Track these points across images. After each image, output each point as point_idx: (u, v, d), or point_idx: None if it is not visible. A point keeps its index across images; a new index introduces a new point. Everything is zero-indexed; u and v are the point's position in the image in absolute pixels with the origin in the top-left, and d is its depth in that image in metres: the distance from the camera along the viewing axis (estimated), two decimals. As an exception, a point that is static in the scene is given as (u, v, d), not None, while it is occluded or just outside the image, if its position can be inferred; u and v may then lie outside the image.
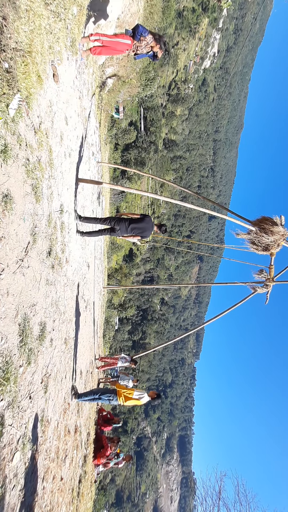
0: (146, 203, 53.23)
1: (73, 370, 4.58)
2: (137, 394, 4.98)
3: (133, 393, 5.02)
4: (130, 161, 34.82)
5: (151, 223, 5.08)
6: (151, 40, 5.04)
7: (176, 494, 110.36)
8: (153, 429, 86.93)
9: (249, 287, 6.20)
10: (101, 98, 12.06)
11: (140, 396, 4.97)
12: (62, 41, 3.77)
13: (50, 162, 3.18)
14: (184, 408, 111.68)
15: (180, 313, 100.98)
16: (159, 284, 60.38)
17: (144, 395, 5.02)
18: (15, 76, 2.15)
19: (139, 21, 13.71)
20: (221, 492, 11.79)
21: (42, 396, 2.82)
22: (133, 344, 56.32)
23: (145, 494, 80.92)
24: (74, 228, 4.65)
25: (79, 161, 5.11)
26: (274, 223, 5.12)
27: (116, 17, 9.36)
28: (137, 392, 5.04)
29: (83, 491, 5.24)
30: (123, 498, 64.33)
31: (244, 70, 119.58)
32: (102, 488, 29.75)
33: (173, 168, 63.64)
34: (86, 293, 6.66)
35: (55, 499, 3.26)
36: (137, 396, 4.96)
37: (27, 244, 2.44)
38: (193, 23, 57.26)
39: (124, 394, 5.07)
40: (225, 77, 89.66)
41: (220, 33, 78.13)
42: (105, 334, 24.38)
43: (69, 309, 4.25)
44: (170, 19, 35.62)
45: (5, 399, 2.03)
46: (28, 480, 2.41)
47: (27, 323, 2.40)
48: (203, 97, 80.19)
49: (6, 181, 2.08)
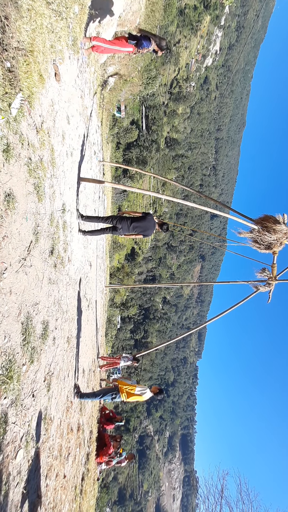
0: (148, 202, 53.19)
1: (76, 369, 4.59)
2: (139, 390, 5.00)
3: (135, 388, 5.04)
4: (132, 160, 34.79)
5: (153, 222, 5.08)
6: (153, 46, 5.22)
7: (178, 492, 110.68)
8: (155, 428, 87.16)
9: (251, 285, 6.18)
10: (103, 97, 12.05)
11: (142, 391, 4.98)
12: (64, 40, 3.76)
13: (52, 161, 3.18)
14: (186, 407, 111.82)
15: (182, 312, 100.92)
16: (161, 283, 60.37)
17: (146, 390, 5.04)
18: (17, 75, 2.15)
19: (141, 19, 13.65)
20: (223, 491, 11.80)
21: (45, 395, 2.84)
22: (135, 343, 56.40)
23: (148, 492, 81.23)
24: (76, 227, 4.66)
25: (81, 160, 5.12)
26: (276, 222, 5.09)
27: (117, 16, 9.33)
28: (139, 388, 5.05)
29: (86, 488, 5.28)
30: (125, 496, 64.64)
31: (246, 67, 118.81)
32: (104, 486, 29.92)
33: (175, 167, 63.53)
34: (88, 292, 6.68)
35: (58, 496, 3.28)
36: (139, 391, 4.98)
37: (30, 243, 2.45)
38: (194, 20, 56.95)
39: (126, 390, 5.08)
40: (227, 75, 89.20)
41: (222, 31, 77.64)
42: (107, 333, 24.44)
43: (71, 308, 4.26)
44: (171, 17, 35.49)
45: (9, 397, 2.04)
46: (31, 478, 2.43)
47: (30, 321, 2.41)
48: (205, 95, 79.85)
49: (9, 180, 2.08)
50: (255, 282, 6.13)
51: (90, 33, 6.06)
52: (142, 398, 5.07)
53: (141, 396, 5.00)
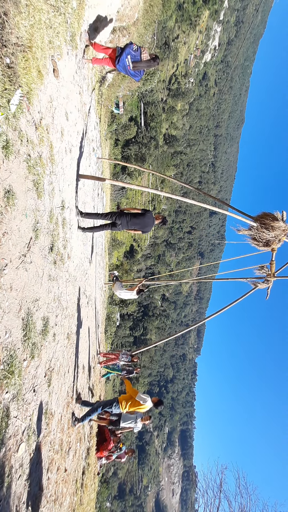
0: (146, 199, 53.07)
1: (76, 365, 4.63)
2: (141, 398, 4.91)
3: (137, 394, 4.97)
4: (131, 157, 34.64)
5: (152, 218, 5.10)
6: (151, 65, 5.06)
7: (177, 487, 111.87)
8: (155, 424, 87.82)
9: (250, 282, 6.22)
10: (101, 93, 11.97)
11: (145, 399, 4.90)
12: (62, 36, 3.74)
13: (51, 158, 3.18)
14: (185, 403, 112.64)
15: (181, 309, 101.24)
16: (160, 280, 60.42)
17: (148, 398, 4.95)
18: (16, 71, 2.15)
19: (139, 14, 13.53)
20: (222, 485, 11.96)
21: (45, 390, 2.87)
22: (134, 340, 56.60)
23: (147, 487, 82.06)
24: (75, 224, 4.67)
25: (79, 157, 5.11)
26: (275, 219, 5.12)
27: (116, 11, 9.25)
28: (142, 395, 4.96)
29: (87, 482, 5.34)
30: (125, 491, 65.29)
31: (245, 63, 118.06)
32: (104, 481, 30.17)
33: (173, 164, 63.27)
34: (88, 289, 6.70)
35: (59, 489, 3.33)
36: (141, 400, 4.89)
37: (30, 239, 2.46)
38: (193, 15, 56.40)
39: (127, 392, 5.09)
40: (226, 71, 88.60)
41: (221, 26, 77.03)
42: (106, 330, 24.51)
43: (71, 305, 4.28)
44: (170, 12, 35.14)
45: (10, 391, 2.07)
46: (33, 471, 2.47)
47: (30, 317, 2.43)
48: (203, 92, 79.39)
49: (8, 177, 2.09)
50: (253, 279, 6.17)
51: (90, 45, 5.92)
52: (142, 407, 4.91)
53: (142, 404, 4.89)
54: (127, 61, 4.84)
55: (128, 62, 4.85)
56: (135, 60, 4.88)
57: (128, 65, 4.87)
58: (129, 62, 4.85)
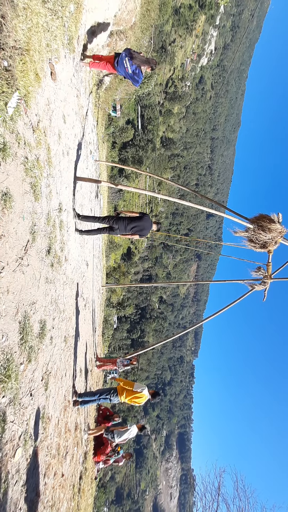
0: (144, 202, 53.18)
1: (73, 368, 4.60)
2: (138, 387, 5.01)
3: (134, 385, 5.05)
4: (128, 160, 34.76)
5: (150, 222, 5.10)
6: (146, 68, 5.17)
7: (175, 490, 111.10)
8: (152, 427, 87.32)
9: (247, 284, 6.25)
10: (99, 96, 12.02)
11: (142, 388, 4.99)
12: (60, 39, 3.76)
13: (49, 161, 3.18)
14: (183, 406, 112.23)
15: (179, 311, 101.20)
16: (157, 283, 60.43)
17: (145, 388, 5.05)
18: (13, 74, 2.15)
19: (136, 18, 13.64)
20: (220, 488, 11.92)
21: (42, 394, 2.84)
22: (131, 342, 56.42)
23: (145, 491, 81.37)
24: (73, 226, 4.66)
25: (77, 160, 5.11)
26: (271, 221, 5.16)
27: (113, 15, 9.32)
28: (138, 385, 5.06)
29: (84, 487, 5.29)
30: (123, 495, 64.68)
31: (241, 67, 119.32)
32: (102, 486, 29.91)
33: (170, 166, 63.57)
34: (85, 292, 6.68)
35: (56, 494, 3.29)
36: (138, 388, 4.98)
37: (27, 242, 2.45)
38: (190, 20, 56.97)
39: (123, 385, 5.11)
40: (222, 75, 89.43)
41: (217, 30, 77.84)
42: (104, 332, 24.41)
43: (68, 307, 4.26)
44: (167, 16, 35.49)
45: (7, 396, 2.05)
46: (30, 476, 2.44)
47: (27, 321, 2.41)
48: (200, 95, 79.98)
49: (5, 179, 2.08)
50: (250, 281, 6.19)
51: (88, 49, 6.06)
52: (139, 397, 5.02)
53: (140, 393, 4.97)
54: (125, 62, 4.91)
55: (126, 64, 4.93)
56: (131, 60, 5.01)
57: (127, 67, 4.95)
58: (127, 64, 4.93)
